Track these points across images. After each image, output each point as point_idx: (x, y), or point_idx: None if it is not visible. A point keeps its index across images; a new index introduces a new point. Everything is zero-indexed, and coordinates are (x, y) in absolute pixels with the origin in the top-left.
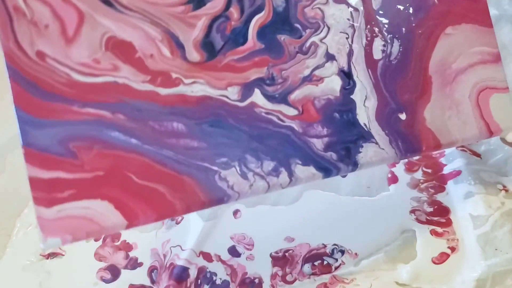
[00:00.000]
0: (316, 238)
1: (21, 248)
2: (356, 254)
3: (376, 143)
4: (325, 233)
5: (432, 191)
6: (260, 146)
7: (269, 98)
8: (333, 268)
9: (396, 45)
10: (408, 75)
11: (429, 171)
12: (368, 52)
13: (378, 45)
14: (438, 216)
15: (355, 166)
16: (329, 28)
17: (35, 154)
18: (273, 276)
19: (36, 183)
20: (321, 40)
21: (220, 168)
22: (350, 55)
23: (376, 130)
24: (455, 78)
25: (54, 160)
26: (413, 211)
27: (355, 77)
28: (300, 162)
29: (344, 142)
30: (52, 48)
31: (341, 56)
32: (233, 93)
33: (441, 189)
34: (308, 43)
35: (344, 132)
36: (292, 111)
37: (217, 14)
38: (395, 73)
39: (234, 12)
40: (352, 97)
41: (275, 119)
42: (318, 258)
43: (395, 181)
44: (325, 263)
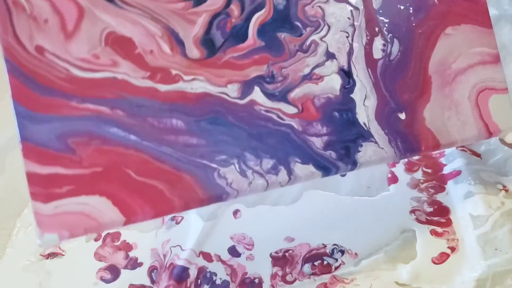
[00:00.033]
0: (316, 238)
1: (21, 248)
2: (356, 254)
3: (376, 142)
4: (325, 233)
5: (432, 191)
6: (259, 144)
7: (269, 96)
8: (333, 268)
9: (396, 44)
10: (407, 75)
11: (429, 171)
12: (368, 51)
13: (378, 44)
14: (438, 216)
15: (354, 165)
16: (329, 26)
17: (33, 149)
18: (273, 276)
19: (33, 178)
20: (321, 39)
21: (219, 165)
22: (350, 54)
23: (376, 130)
24: (454, 79)
25: (52, 155)
26: (413, 211)
27: (355, 76)
28: (299, 161)
29: (343, 141)
30: (51, 43)
31: (341, 55)
32: (233, 91)
33: (441, 189)
34: (309, 42)
35: (344, 131)
36: (291, 109)
37: (217, 11)
38: (395, 72)
39: (235, 9)
40: (352, 96)
41: (274, 117)
42: (318, 258)
43: (395, 181)
44: (325, 263)
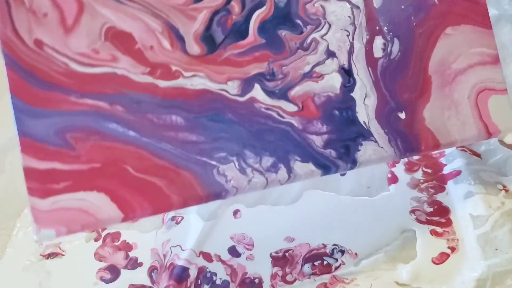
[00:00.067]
0: (316, 238)
1: (21, 248)
2: (356, 254)
3: (376, 141)
4: (325, 233)
5: (432, 191)
6: (259, 141)
7: (269, 93)
8: (333, 268)
9: (397, 44)
10: (408, 75)
11: (429, 171)
12: (368, 50)
13: (378, 43)
14: (438, 216)
15: (354, 164)
16: (330, 25)
17: (31, 144)
18: (273, 276)
19: (31, 173)
20: (322, 37)
21: (219, 162)
22: (350, 53)
23: (376, 129)
24: (454, 79)
25: (50, 150)
26: (413, 211)
27: (355, 75)
28: (299, 159)
29: (343, 139)
30: (50, 37)
31: (341, 53)
32: (233, 88)
33: (441, 189)
34: (309, 40)
35: (344, 129)
36: (292, 107)
37: (218, 8)
38: (395, 72)
39: (235, 6)
40: (352, 94)
41: (274, 115)
42: (318, 258)
43: (395, 181)
44: (325, 263)
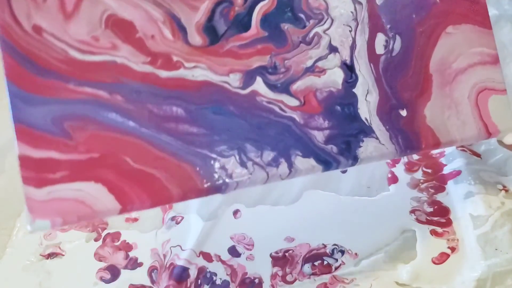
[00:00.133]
0: (316, 238)
1: (21, 248)
2: (356, 254)
3: (377, 138)
4: (325, 233)
5: (432, 191)
6: (260, 135)
7: (271, 87)
8: (333, 268)
9: (398, 41)
10: (409, 73)
11: (429, 171)
12: (370, 46)
13: (380, 40)
14: (438, 216)
15: (355, 160)
16: (332, 20)
17: (26, 131)
18: (273, 276)
19: (26, 161)
20: (324, 32)
21: (219, 156)
22: (352, 48)
23: (377, 125)
24: (455, 78)
25: (47, 139)
26: (413, 211)
27: (357, 71)
28: (300, 154)
29: (344, 135)
30: (49, 22)
31: (344, 48)
32: (234, 80)
33: (441, 189)
34: (312, 34)
35: (345, 125)
36: (294, 101)
37: None
38: (396, 69)
39: None
40: (354, 90)
41: (276, 109)
42: (318, 258)
43: (395, 181)
44: (325, 263)
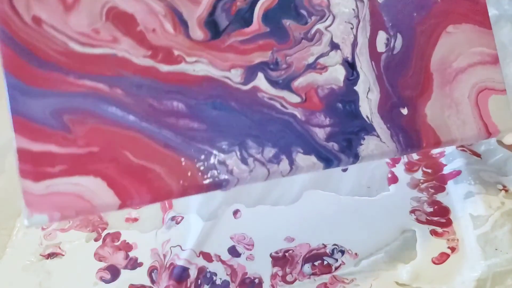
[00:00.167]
0: (316, 238)
1: (21, 248)
2: (356, 254)
3: (378, 136)
4: (325, 233)
5: (432, 191)
6: (261, 132)
7: (273, 83)
8: (333, 268)
9: (399, 39)
10: (410, 71)
11: (429, 171)
12: (372, 44)
13: (381, 38)
14: (438, 216)
15: (356, 158)
16: (334, 16)
17: (25, 124)
18: (273, 276)
19: (24, 155)
20: (326, 28)
21: (220, 151)
22: (354, 46)
23: (378, 123)
24: (455, 77)
25: (46, 132)
26: (413, 211)
27: (358, 68)
28: (302, 151)
29: (346, 133)
30: (49, 14)
31: (345, 46)
32: (236, 76)
33: (441, 189)
34: (313, 30)
35: (346, 123)
36: (295, 98)
37: None
38: (397, 67)
39: None
40: (355, 88)
41: (278, 105)
42: (318, 258)
43: (395, 181)
44: (325, 263)
